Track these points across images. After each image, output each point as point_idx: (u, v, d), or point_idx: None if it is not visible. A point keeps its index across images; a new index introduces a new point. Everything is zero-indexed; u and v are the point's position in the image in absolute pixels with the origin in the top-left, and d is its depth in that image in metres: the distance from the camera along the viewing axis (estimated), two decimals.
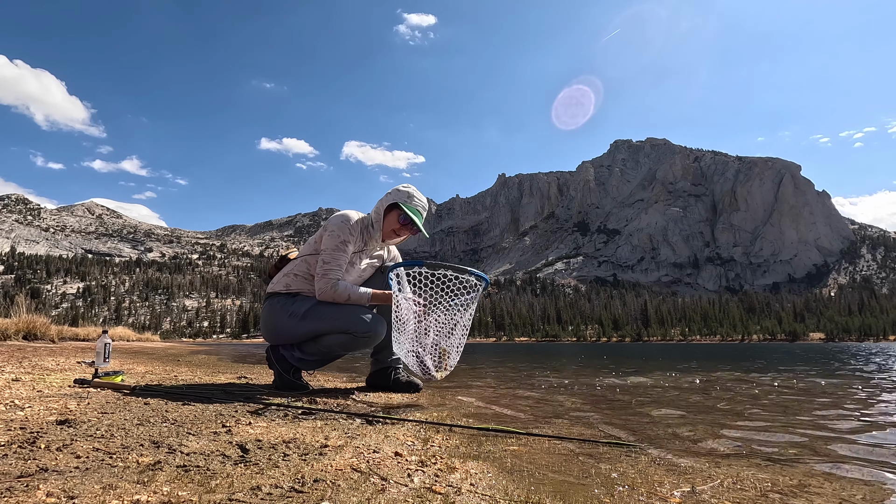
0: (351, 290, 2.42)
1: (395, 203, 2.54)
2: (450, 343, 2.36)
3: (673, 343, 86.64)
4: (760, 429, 1.91)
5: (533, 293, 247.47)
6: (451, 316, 2.34)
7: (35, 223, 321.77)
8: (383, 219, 2.56)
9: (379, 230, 2.56)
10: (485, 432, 1.64)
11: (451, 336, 2.36)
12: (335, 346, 2.43)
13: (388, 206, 2.56)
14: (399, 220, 2.53)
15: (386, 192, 2.61)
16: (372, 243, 2.60)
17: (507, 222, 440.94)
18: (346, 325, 2.37)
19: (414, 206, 2.53)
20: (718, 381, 4.15)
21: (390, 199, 2.55)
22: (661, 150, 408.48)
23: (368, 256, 2.63)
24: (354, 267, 2.56)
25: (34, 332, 8.01)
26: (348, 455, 1.25)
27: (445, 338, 2.35)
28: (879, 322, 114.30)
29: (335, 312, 2.40)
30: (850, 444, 1.66)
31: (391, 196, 2.56)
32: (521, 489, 1.06)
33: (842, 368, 6.21)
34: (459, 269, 2.29)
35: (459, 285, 2.30)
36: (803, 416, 2.27)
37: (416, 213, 2.53)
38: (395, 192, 2.57)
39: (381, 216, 2.55)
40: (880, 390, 3.46)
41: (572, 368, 5.91)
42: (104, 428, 1.41)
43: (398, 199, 2.53)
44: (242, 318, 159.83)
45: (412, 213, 2.50)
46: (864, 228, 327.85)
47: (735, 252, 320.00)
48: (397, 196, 2.54)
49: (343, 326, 2.37)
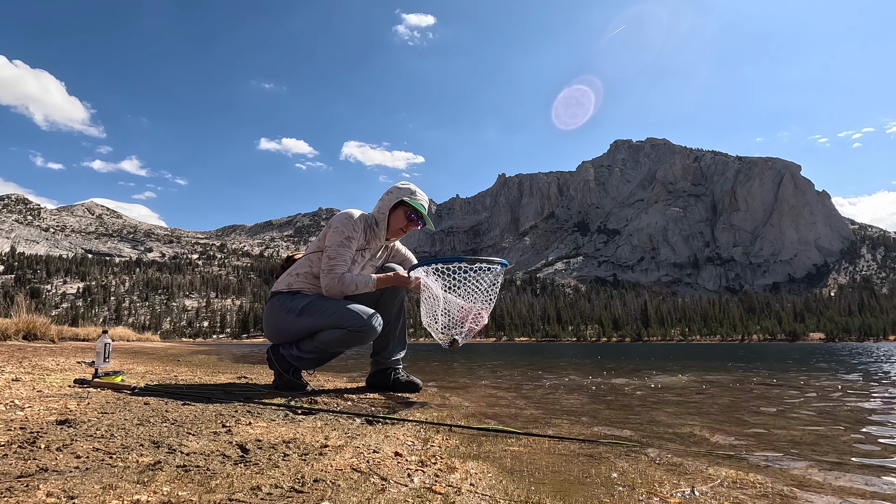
0: (357, 279, 2.43)
1: (400, 200, 2.56)
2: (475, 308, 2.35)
3: (673, 343, 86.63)
4: (760, 428, 1.91)
5: (533, 293, 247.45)
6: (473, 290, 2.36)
7: (35, 223, 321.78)
8: (389, 217, 2.57)
9: (384, 229, 2.57)
10: (485, 432, 1.64)
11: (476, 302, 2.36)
12: (331, 342, 2.42)
13: (394, 205, 2.57)
14: (406, 217, 2.56)
15: (385, 192, 2.61)
16: (375, 242, 2.60)
17: (507, 222, 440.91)
18: (340, 319, 2.35)
19: (418, 201, 2.57)
20: (718, 381, 4.15)
21: (394, 197, 2.56)
22: (661, 150, 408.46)
23: (371, 254, 2.63)
24: (356, 265, 2.56)
25: (34, 332, 8.01)
26: (348, 455, 1.25)
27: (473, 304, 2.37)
28: (879, 322, 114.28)
29: (331, 307, 2.39)
30: (851, 443, 1.66)
31: (394, 194, 2.57)
32: (521, 489, 1.06)
33: (842, 367, 6.21)
34: (473, 259, 2.32)
35: (479, 270, 2.34)
36: (803, 415, 2.27)
37: (422, 207, 2.57)
38: (397, 189, 2.59)
39: (386, 215, 2.56)
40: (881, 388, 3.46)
41: (572, 368, 5.90)
42: (104, 428, 1.40)
43: (402, 196, 2.55)
44: (242, 318, 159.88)
45: (420, 207, 2.55)
46: (864, 228, 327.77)
47: (735, 252, 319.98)
48: (400, 193, 2.56)
49: (337, 321, 2.36)
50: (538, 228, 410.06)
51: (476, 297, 2.33)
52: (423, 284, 2.39)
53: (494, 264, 2.34)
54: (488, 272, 2.33)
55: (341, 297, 2.44)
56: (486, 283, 2.34)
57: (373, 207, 2.66)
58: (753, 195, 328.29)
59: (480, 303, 2.33)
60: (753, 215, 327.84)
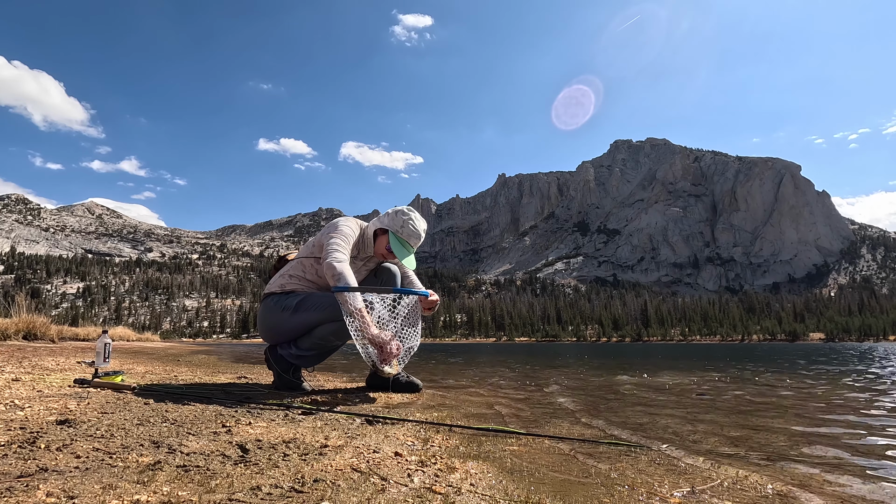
0: (348, 281, 2.26)
1: (385, 229, 2.55)
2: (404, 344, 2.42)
3: (673, 343, 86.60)
4: (761, 428, 1.91)
5: (533, 293, 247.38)
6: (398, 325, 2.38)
7: (35, 223, 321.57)
8: (374, 240, 2.59)
9: (371, 246, 2.60)
10: (485, 432, 1.64)
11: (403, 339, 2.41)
12: (328, 336, 2.41)
13: (381, 229, 2.57)
14: (386, 248, 2.54)
15: (386, 211, 2.62)
16: (364, 251, 2.62)
17: (507, 222, 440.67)
18: (336, 312, 2.32)
19: (404, 238, 2.52)
20: (718, 381, 4.15)
21: (384, 222, 2.56)
22: (661, 150, 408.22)
23: (363, 261, 2.64)
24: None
25: (34, 331, 8.00)
26: (348, 455, 1.25)
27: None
28: (879, 322, 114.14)
29: (325, 300, 2.38)
30: (851, 443, 1.66)
31: (387, 219, 2.56)
32: (521, 489, 1.06)
33: (842, 367, 6.21)
34: (401, 290, 2.36)
35: (402, 304, 2.37)
36: (803, 415, 2.26)
37: (405, 244, 2.53)
38: (392, 216, 2.56)
39: (370, 237, 2.58)
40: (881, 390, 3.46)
41: (572, 368, 5.90)
42: (104, 428, 1.40)
43: (391, 227, 2.53)
44: (242, 318, 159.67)
45: (400, 243, 2.51)
46: (864, 228, 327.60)
47: (735, 252, 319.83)
48: (392, 223, 2.53)
49: (333, 314, 2.34)
50: (538, 228, 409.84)
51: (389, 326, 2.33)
52: (358, 310, 2.20)
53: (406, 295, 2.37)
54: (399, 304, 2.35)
55: (331, 283, 2.31)
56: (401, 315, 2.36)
57: (374, 218, 2.69)
58: (753, 195, 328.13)
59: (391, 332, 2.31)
60: (753, 215, 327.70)
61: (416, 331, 2.44)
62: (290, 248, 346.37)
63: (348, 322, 2.21)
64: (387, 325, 2.32)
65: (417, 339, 2.44)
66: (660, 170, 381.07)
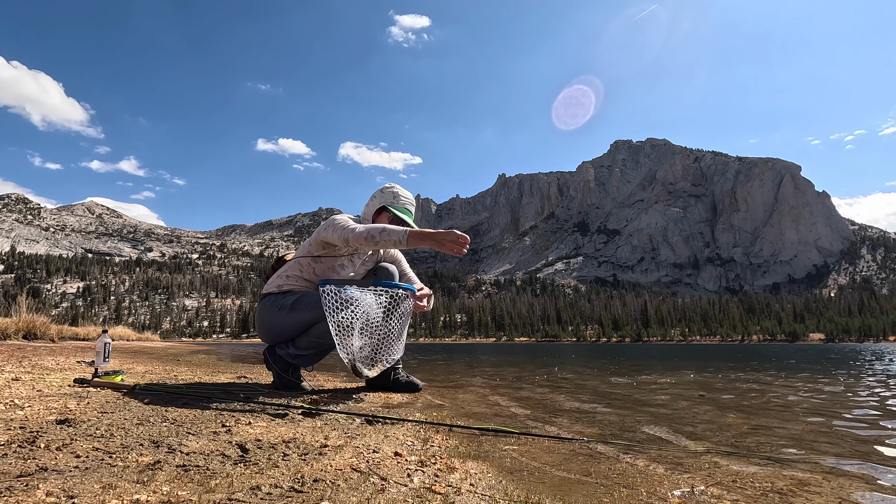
0: (373, 226, 2.26)
1: (383, 206, 2.57)
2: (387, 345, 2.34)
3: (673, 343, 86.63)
4: (761, 428, 1.91)
5: (533, 293, 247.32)
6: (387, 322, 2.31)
7: (35, 223, 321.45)
8: (373, 222, 2.58)
9: None
10: (484, 432, 1.64)
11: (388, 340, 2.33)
12: (326, 334, 2.38)
13: (377, 210, 2.58)
14: (389, 223, 2.55)
15: (370, 197, 2.64)
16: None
17: (507, 222, 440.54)
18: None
19: (402, 206, 2.57)
20: (718, 381, 4.15)
21: (377, 203, 2.58)
22: (661, 150, 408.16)
23: (361, 258, 2.63)
24: (345, 269, 2.56)
25: (34, 331, 7.99)
26: (348, 455, 1.25)
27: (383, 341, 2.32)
28: (879, 323, 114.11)
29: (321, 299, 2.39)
30: (851, 443, 1.66)
31: (377, 200, 2.59)
32: (520, 489, 1.05)
33: (842, 367, 6.21)
34: (390, 284, 2.29)
35: (390, 298, 2.30)
36: (803, 415, 2.26)
37: (405, 211, 2.57)
38: (381, 194, 2.60)
39: (370, 222, 2.58)
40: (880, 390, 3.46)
41: (572, 368, 5.90)
42: (104, 427, 1.40)
43: (385, 203, 2.56)
44: (242, 318, 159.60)
45: (401, 212, 2.54)
46: (864, 229, 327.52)
47: (735, 252, 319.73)
48: (383, 199, 2.57)
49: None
50: (538, 228, 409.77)
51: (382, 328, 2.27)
52: (354, 298, 2.15)
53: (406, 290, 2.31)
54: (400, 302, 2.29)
55: (373, 245, 2.28)
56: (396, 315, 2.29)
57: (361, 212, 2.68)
58: (753, 196, 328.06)
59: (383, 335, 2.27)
60: (753, 216, 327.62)
61: (403, 333, 2.39)
62: (289, 248, 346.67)
63: (331, 316, 2.10)
64: (378, 327, 2.26)
65: (402, 343, 2.40)
66: (660, 170, 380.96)
